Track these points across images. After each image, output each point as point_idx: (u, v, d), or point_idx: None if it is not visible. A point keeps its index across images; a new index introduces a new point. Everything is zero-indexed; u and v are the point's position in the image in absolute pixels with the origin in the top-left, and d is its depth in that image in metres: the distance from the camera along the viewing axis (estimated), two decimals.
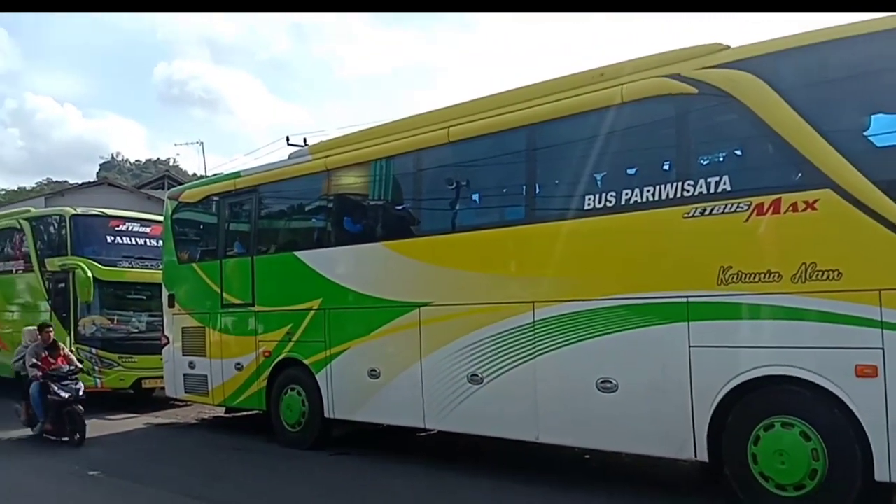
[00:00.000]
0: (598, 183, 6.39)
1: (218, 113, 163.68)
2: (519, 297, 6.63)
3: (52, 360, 9.31)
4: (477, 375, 6.87)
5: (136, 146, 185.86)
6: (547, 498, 6.32)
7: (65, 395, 9.04)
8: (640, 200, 5.91)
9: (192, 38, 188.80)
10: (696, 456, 5.62)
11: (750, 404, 5.37)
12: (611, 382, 5.99)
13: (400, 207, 8.26)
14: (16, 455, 8.79)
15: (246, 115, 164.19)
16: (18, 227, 13.97)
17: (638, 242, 5.98)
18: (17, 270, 14.02)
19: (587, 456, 7.47)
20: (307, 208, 9.17)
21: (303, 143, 27.02)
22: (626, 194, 5.99)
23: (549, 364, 6.41)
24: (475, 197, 7.56)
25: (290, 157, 9.37)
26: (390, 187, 8.16)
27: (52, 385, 9.08)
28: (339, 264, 8.34)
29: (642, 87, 5.97)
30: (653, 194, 5.85)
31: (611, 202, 6.08)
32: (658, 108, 5.98)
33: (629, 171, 6.33)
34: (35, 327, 10.10)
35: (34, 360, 9.21)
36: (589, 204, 6.24)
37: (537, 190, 6.91)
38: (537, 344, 6.47)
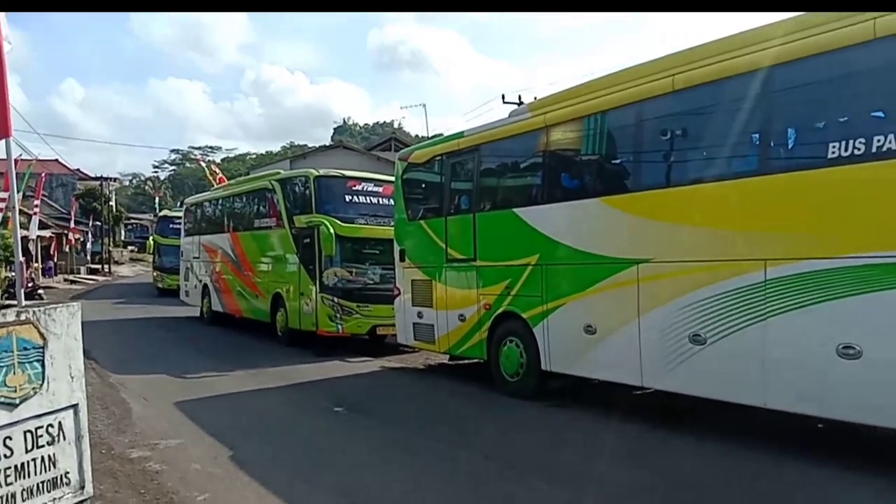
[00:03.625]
0: (844, 129, 5.75)
1: (426, 74, 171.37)
2: (749, 254, 6.24)
3: None
4: (700, 336, 6.62)
5: (360, 110, 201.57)
6: (778, 464, 5.98)
7: None
8: (895, 147, 5.25)
9: None
10: None
11: None
12: (853, 348, 5.47)
13: (619, 162, 8.10)
14: (274, 391, 9.96)
15: (453, 74, 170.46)
16: (271, 187, 15.58)
17: (893, 193, 5.33)
18: (269, 227, 15.72)
19: (820, 425, 6.91)
20: (526, 165, 9.31)
21: (517, 101, 27.33)
22: (878, 140, 5.34)
23: (781, 327, 5.99)
24: (701, 148, 7.14)
25: (509, 116, 9.56)
26: (610, 141, 8.03)
27: None
28: (557, 221, 8.41)
29: None
30: None
31: (859, 149, 5.47)
32: None
33: (880, 115, 5.63)
34: None
35: None
36: (833, 152, 5.66)
37: (773, 138, 6.39)
38: (768, 305, 6.07)
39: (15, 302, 3.63)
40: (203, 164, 45.68)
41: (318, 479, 5.86)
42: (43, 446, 3.36)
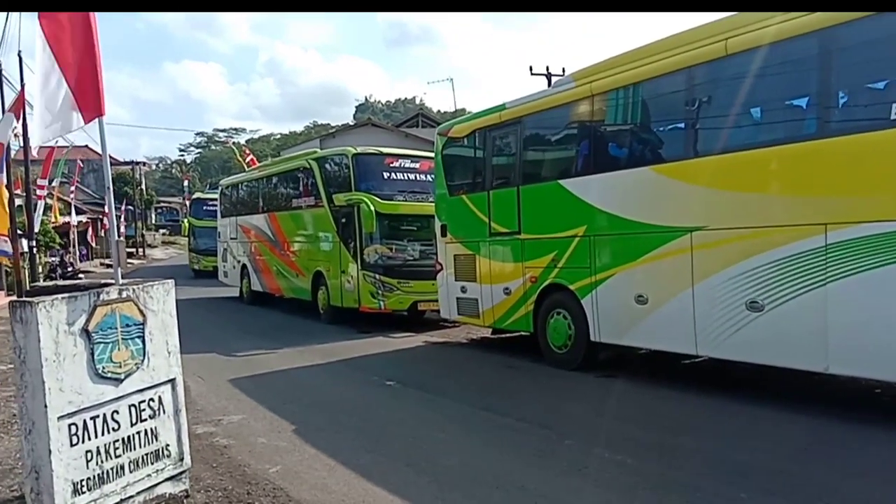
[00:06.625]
0: None
1: (437, 48, 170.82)
2: (808, 218, 6.18)
3: None
4: (757, 302, 6.59)
5: (376, 87, 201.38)
6: (831, 431, 5.98)
7: None
8: None
9: None
10: None
11: None
12: None
13: (670, 129, 8.01)
14: (324, 367, 10.14)
15: (464, 48, 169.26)
16: (308, 167, 15.63)
17: None
18: (307, 206, 15.81)
19: (878, 390, 6.88)
20: (572, 136, 9.23)
21: (545, 73, 26.92)
22: None
23: (843, 291, 5.94)
24: (755, 113, 7.05)
25: (552, 86, 9.48)
26: (659, 108, 7.95)
27: None
28: (605, 191, 8.37)
29: None
30: None
31: None
32: None
33: None
34: None
35: None
36: None
37: (832, 100, 6.28)
38: (829, 269, 6.02)
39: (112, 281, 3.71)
40: (232, 146, 46.04)
41: (381, 450, 5.96)
42: (146, 420, 3.48)
